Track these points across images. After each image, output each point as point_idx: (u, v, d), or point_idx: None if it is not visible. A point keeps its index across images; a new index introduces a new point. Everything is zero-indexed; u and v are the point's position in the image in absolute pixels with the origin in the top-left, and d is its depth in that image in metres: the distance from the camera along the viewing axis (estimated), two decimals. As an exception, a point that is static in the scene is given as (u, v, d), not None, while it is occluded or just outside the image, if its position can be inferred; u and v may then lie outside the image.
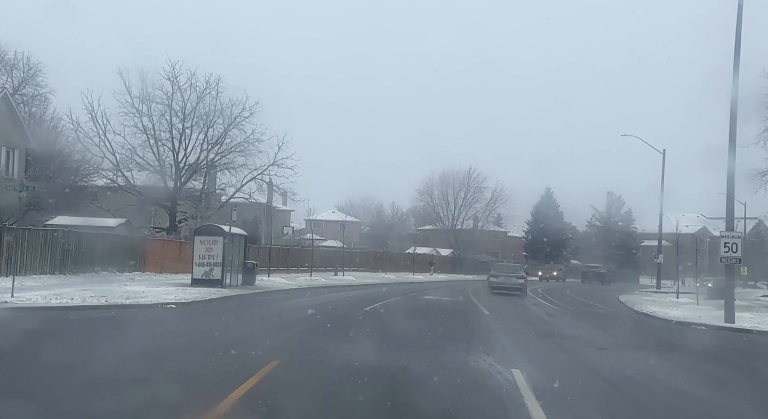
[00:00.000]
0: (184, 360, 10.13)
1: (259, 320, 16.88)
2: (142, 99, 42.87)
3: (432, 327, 15.71)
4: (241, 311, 19.28)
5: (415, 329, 14.77)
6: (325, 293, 29.78)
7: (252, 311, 19.44)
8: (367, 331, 14.23)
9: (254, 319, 17.07)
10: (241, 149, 45.55)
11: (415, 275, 60.64)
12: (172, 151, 44.34)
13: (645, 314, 25.00)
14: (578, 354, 12.51)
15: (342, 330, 14.21)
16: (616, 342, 14.83)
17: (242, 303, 22.46)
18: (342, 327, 14.97)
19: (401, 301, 25.79)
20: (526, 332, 16.31)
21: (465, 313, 20.52)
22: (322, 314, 18.58)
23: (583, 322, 20.68)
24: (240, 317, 17.51)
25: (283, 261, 50.73)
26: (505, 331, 15.93)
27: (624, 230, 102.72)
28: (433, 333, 14.34)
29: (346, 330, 14.29)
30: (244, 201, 48.91)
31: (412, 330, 14.35)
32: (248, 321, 16.58)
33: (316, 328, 14.86)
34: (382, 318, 17.56)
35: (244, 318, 17.19)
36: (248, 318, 17.19)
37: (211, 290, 26.22)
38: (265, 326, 15.24)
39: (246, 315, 18.09)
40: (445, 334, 14.58)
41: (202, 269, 29.12)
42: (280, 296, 26.12)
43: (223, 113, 44.89)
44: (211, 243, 29.23)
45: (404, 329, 14.86)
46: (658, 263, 54.49)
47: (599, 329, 18.23)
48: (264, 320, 16.89)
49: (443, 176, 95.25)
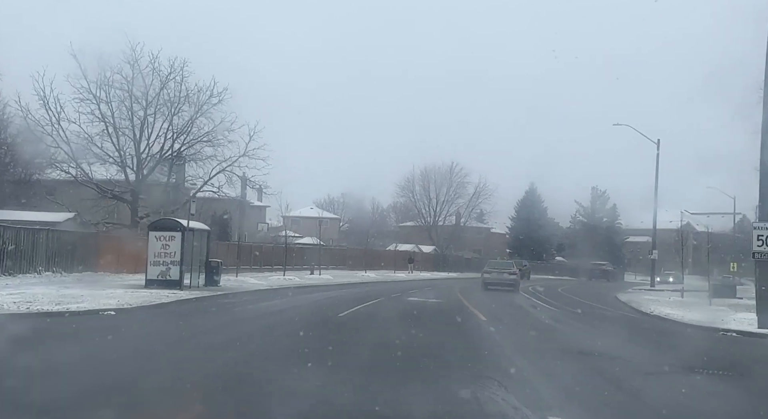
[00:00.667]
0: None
1: (200, 333, 13.46)
2: (100, 84, 39.19)
3: (422, 341, 12.52)
4: (187, 320, 16.01)
5: (401, 345, 11.60)
6: (297, 295, 26.55)
7: (200, 321, 16.13)
8: (338, 351, 10.95)
9: (196, 332, 13.71)
10: (209, 138, 42.14)
11: (397, 273, 57.57)
12: (133, 140, 40.75)
13: (659, 317, 22.03)
14: (627, 383, 9.07)
15: (303, 352, 10.85)
16: (659, 360, 11.58)
17: (195, 309, 19.16)
18: (305, 344, 11.62)
19: (382, 304, 22.65)
20: (541, 346, 13.08)
21: (458, 319, 17.37)
22: (284, 324, 15.37)
23: (598, 330, 17.62)
24: (180, 329, 14.22)
25: (256, 259, 47.41)
26: (515, 345, 12.71)
27: (609, 226, 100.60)
28: (424, 351, 11.12)
29: (310, 350, 10.99)
30: (216, 196, 45.54)
31: (397, 348, 11.17)
32: (187, 335, 13.14)
33: (268, 348, 11.45)
34: (358, 330, 14.23)
35: (184, 331, 13.84)
36: (189, 331, 13.81)
37: (165, 292, 22.94)
38: (202, 343, 11.69)
39: (190, 326, 14.75)
40: (441, 352, 11.36)
41: (158, 268, 25.81)
42: (244, 300, 22.86)
43: (189, 99, 41.42)
44: (167, 239, 25.91)
45: (387, 346, 11.61)
46: (653, 259, 51.75)
47: (624, 340, 15.08)
48: (207, 334, 13.39)
49: (425, 171, 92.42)
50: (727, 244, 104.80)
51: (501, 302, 26.59)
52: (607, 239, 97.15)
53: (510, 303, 25.99)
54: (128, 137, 40.75)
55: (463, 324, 16.36)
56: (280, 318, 16.80)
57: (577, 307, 25.87)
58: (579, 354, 11.84)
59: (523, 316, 20.23)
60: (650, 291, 41.29)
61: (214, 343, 11.79)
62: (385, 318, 17.15)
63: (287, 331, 13.74)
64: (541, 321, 18.77)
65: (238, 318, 16.72)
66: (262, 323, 15.31)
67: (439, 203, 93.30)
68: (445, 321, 17.17)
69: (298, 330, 13.86)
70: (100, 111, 39.49)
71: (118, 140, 40.45)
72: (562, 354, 11.71)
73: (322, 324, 15.48)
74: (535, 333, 15.11)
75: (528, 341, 13.89)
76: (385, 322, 15.88)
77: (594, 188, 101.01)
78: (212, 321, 16.32)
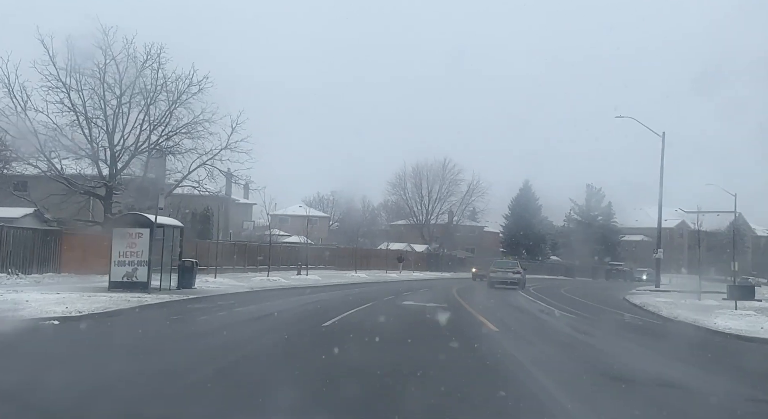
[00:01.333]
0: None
1: (137, 354, 10.29)
2: (70, 71, 36.25)
3: (427, 365, 9.79)
4: (133, 333, 13.25)
5: (400, 372, 8.95)
6: (279, 299, 23.84)
7: (148, 335, 13.27)
8: (315, 387, 8.07)
9: (133, 351, 10.76)
10: (189, 130, 39.32)
11: (389, 273, 54.93)
12: (106, 132, 37.83)
13: (687, 324, 19.37)
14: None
15: (268, 387, 8.02)
16: (734, 390, 8.97)
17: (153, 318, 16.40)
18: (267, 377, 8.73)
19: (374, 310, 19.96)
20: (578, 370, 10.12)
21: (465, 330, 14.71)
22: (250, 340, 12.58)
23: (630, 342, 14.75)
24: (116, 347, 11.39)
25: (239, 259, 44.68)
26: (547, 370, 9.71)
27: (604, 225, 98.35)
28: (432, 383, 8.47)
29: (277, 383, 8.19)
30: (197, 192, 42.71)
31: (395, 377, 8.51)
32: (118, 356, 10.23)
33: (212, 384, 8.20)
34: (344, 350, 11.22)
35: (119, 350, 11.00)
36: (125, 350, 10.89)
37: (128, 296, 20.24)
38: (125, 372, 8.54)
39: (130, 343, 11.89)
40: (455, 383, 8.68)
41: (123, 269, 23.07)
42: (216, 305, 20.11)
43: (166, 88, 38.57)
44: (134, 237, 23.17)
45: (381, 375, 8.88)
46: (658, 259, 49.21)
47: (670, 357, 12.32)
48: (143, 355, 10.23)
49: (417, 168, 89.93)
50: (723, 243, 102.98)
51: (506, 306, 24.00)
52: (603, 238, 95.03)
53: (516, 307, 23.40)
54: (101, 128, 37.85)
55: (473, 337, 13.62)
56: (248, 330, 14.08)
57: (591, 312, 23.29)
58: (631, 383, 9.10)
59: (537, 325, 17.57)
60: (658, 292, 38.73)
61: (143, 372, 8.81)
62: (378, 330, 14.46)
63: (250, 352, 10.92)
64: (559, 331, 16.09)
65: (196, 332, 13.94)
66: (222, 339, 12.56)
67: (432, 201, 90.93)
68: (451, 332, 14.43)
69: (266, 350, 11.16)
70: (71, 100, 36.54)
71: (90, 131, 37.53)
72: (610, 384, 8.99)
73: (299, 339, 12.77)
74: (562, 350, 12.32)
75: (556, 360, 11.11)
76: (378, 336, 13.24)
77: (589, 185, 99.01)
78: (164, 334, 13.50)
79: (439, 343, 12.56)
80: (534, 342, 13.49)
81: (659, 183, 47.07)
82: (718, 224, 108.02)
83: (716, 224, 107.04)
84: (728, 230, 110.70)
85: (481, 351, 11.65)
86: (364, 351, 11.16)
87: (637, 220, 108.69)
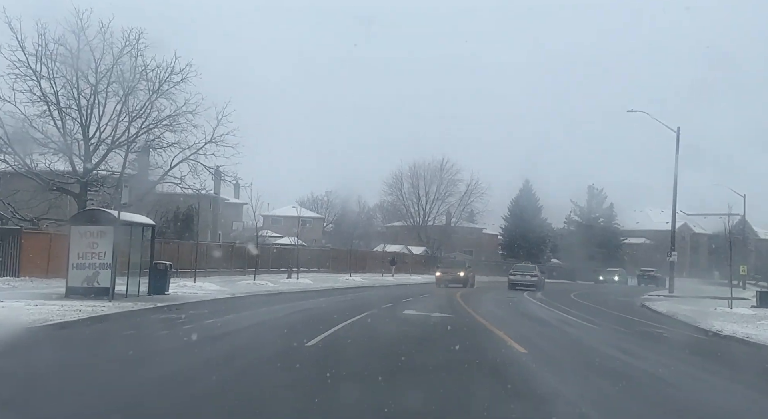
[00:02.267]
0: None
1: (48, 391, 7.64)
2: (40, 57, 33.27)
3: (446, 411, 6.93)
4: (63, 356, 10.34)
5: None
6: (261, 307, 20.89)
7: (81, 359, 10.36)
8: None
9: (45, 384, 7.97)
10: (170, 122, 36.33)
11: (385, 277, 51.98)
12: (80, 124, 34.84)
13: (738, 339, 16.44)
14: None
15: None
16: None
17: (100, 333, 13.43)
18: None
19: (371, 322, 17.02)
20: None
21: (488, 352, 11.68)
22: (213, 366, 9.63)
23: (708, 373, 11.18)
24: (27, 378, 8.47)
25: (226, 262, 41.70)
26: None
27: (606, 227, 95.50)
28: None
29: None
30: (184, 190, 39.63)
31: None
32: (21, 391, 7.49)
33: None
34: (330, 385, 8.37)
35: (27, 383, 8.12)
36: (35, 383, 8.07)
37: (84, 305, 17.31)
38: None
39: (52, 371, 9.01)
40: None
41: (83, 273, 20.09)
42: (187, 315, 17.17)
43: (146, 76, 35.56)
44: (95, 236, 20.19)
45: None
46: (672, 262, 46.28)
47: (757, 391, 9.56)
48: (51, 396, 7.51)
49: (414, 168, 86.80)
50: (725, 246, 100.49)
51: (520, 316, 21.12)
52: (605, 241, 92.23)
53: (533, 318, 20.51)
54: (75, 120, 34.88)
55: (499, 364, 10.57)
56: (214, 350, 11.15)
57: (618, 323, 20.37)
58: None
59: (568, 343, 14.60)
60: (674, 298, 35.75)
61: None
62: (377, 350, 11.55)
63: (206, 387, 8.00)
64: (599, 351, 13.06)
65: (150, 352, 10.98)
66: (180, 364, 9.65)
67: (429, 202, 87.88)
68: (470, 355, 11.38)
69: (229, 383, 8.24)
70: (41, 89, 33.54)
71: (63, 122, 34.50)
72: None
73: (273, 366, 9.83)
74: (621, 385, 9.07)
75: (629, 407, 7.95)
76: (378, 358, 10.31)
77: (590, 186, 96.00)
78: (104, 358, 10.48)
79: (458, 373, 9.57)
80: (578, 370, 10.50)
81: (674, 181, 44.47)
82: (720, 227, 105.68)
83: (719, 227, 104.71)
84: (732, 232, 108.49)
85: (517, 386, 8.66)
86: (358, 389, 8.18)
87: (638, 222, 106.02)
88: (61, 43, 33.35)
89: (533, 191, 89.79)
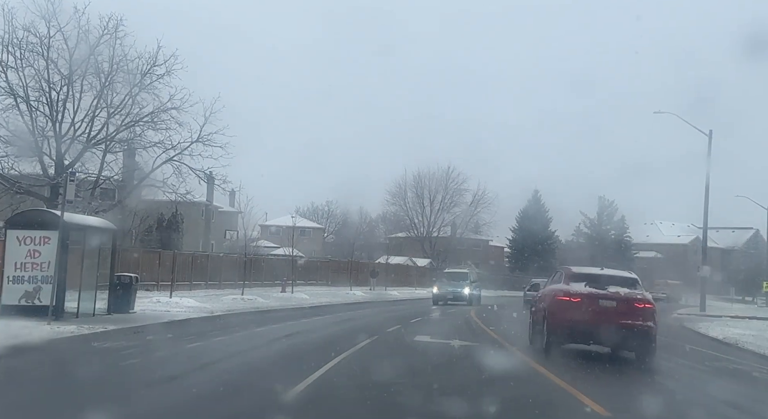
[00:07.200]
0: None
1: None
2: (6, 45, 29.62)
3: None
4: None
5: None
6: (242, 330, 17.10)
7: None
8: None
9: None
10: (152, 119, 32.66)
11: (389, 291, 48.16)
12: (51, 120, 31.18)
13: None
14: None
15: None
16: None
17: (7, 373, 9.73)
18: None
19: (375, 355, 13.20)
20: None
21: (549, 413, 8.02)
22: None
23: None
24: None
25: (213, 273, 37.90)
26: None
27: (617, 239, 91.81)
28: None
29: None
30: (168, 196, 35.95)
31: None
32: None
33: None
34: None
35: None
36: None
37: (12, 327, 13.52)
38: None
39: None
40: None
41: (21, 288, 16.32)
42: (143, 343, 13.44)
43: (126, 68, 31.89)
44: (36, 242, 16.44)
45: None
46: (703, 277, 42.44)
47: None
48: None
49: (418, 177, 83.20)
50: (737, 260, 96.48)
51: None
52: (616, 254, 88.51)
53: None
54: (45, 116, 31.25)
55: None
56: (149, 404, 7.44)
57: (683, 356, 16.43)
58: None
59: (651, 390, 10.78)
60: (715, 319, 31.94)
61: None
62: (387, 409, 7.85)
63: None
64: (705, 406, 9.29)
65: (46, 406, 7.29)
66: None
67: (434, 212, 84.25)
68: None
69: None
70: (7, 80, 29.88)
71: (32, 118, 30.74)
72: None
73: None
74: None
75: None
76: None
77: (601, 197, 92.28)
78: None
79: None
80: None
81: (705, 189, 40.43)
82: (734, 241, 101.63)
83: (732, 241, 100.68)
84: (745, 247, 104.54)
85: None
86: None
87: (648, 235, 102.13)
88: (30, 30, 29.90)
89: (542, 201, 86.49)
